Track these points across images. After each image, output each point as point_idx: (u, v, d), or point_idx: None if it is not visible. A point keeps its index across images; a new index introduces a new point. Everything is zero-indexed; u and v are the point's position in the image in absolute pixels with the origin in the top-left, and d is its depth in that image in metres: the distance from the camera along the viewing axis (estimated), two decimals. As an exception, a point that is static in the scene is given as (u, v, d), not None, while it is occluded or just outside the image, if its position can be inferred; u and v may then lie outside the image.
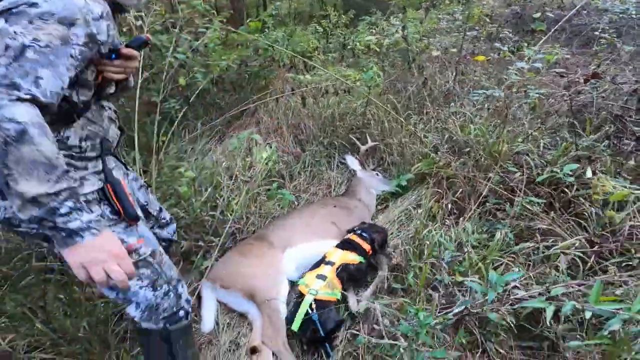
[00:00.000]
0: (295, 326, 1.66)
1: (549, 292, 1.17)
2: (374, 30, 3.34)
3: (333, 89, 3.10)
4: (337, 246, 2.00)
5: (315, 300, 1.70)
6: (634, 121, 2.00)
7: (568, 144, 2.16)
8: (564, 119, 2.52)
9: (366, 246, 1.97)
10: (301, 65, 3.24)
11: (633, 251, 1.58)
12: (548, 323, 1.09)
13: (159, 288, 1.19)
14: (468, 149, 2.32)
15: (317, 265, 1.91)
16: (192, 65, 3.05)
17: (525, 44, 3.12)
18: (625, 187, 1.12)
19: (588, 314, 1.01)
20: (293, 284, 1.93)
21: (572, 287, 1.31)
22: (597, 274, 1.58)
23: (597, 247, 1.64)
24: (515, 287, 1.37)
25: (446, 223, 2.04)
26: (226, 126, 3.34)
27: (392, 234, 2.25)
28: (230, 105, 3.29)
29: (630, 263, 1.55)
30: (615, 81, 2.24)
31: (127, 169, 1.34)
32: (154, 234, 1.30)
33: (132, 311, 1.19)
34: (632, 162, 1.99)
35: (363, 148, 2.74)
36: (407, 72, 3.10)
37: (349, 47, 3.55)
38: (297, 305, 1.73)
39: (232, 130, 3.32)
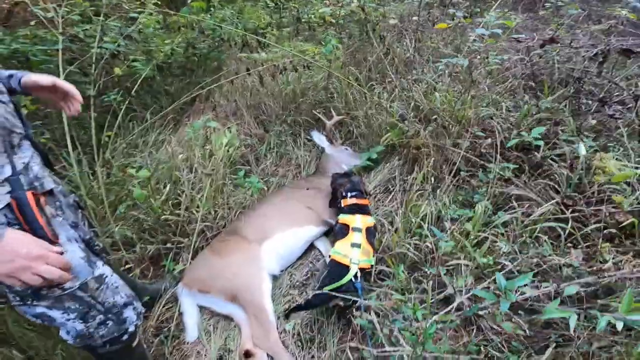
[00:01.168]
0: (328, 288, 1.59)
1: (559, 293, 1.09)
2: (327, 2, 3.17)
3: (291, 65, 2.92)
4: (348, 212, 1.94)
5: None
6: (593, 83, 2.07)
7: (530, 106, 2.19)
8: (519, 81, 2.57)
9: (366, 201, 2.01)
10: (255, 43, 3.00)
11: (608, 218, 1.52)
12: (572, 332, 0.99)
13: (90, 320, 1.10)
14: (435, 117, 2.29)
15: (343, 234, 1.84)
16: (129, 53, 2.74)
17: (478, 10, 3.12)
18: (626, 166, 1.03)
19: (620, 325, 0.92)
20: (275, 278, 1.83)
21: (584, 286, 1.20)
22: (579, 243, 1.55)
23: (571, 211, 1.60)
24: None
25: (424, 196, 2.02)
26: (179, 114, 3.07)
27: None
28: (181, 91, 3.02)
29: (610, 230, 1.51)
30: (573, 45, 2.29)
31: (55, 176, 1.13)
32: None
33: (63, 335, 1.12)
34: (592, 121, 2.06)
35: (329, 123, 2.63)
36: (366, 43, 2.98)
37: (303, 20, 3.34)
38: (335, 273, 1.65)
39: (186, 118, 3.06)
